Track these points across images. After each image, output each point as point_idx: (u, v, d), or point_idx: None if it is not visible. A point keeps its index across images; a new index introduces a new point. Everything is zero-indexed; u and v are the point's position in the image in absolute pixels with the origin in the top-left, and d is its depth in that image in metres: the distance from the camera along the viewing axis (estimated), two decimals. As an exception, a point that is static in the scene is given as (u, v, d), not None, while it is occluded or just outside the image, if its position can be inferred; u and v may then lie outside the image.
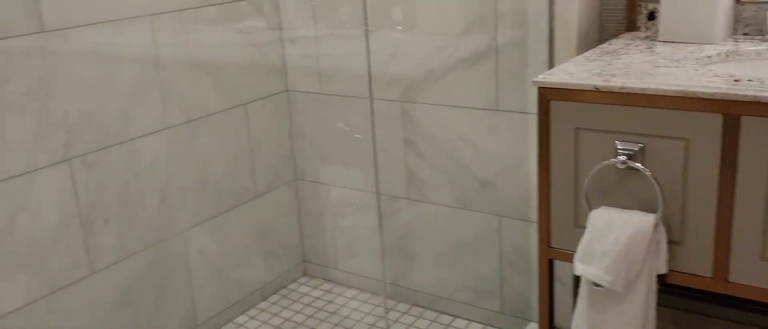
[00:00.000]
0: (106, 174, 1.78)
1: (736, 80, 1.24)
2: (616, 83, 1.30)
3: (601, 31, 1.78)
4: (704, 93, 1.21)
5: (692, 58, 1.43)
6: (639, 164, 1.30)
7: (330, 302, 2.30)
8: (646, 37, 1.65)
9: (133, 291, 1.89)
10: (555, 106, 1.37)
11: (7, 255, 1.59)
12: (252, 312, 2.26)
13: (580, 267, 1.36)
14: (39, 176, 1.64)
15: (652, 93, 1.26)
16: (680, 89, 1.23)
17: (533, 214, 1.90)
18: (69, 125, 1.68)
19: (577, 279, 1.73)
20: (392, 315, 2.19)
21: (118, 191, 1.82)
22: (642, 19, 1.68)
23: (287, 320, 2.21)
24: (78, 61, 1.69)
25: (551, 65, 1.71)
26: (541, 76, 1.39)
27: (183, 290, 2.04)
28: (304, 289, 2.39)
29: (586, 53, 1.55)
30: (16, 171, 1.59)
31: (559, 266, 1.67)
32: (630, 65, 1.40)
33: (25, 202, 1.62)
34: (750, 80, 1.24)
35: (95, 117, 1.74)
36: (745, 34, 1.58)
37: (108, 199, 1.80)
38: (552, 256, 1.48)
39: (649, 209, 1.31)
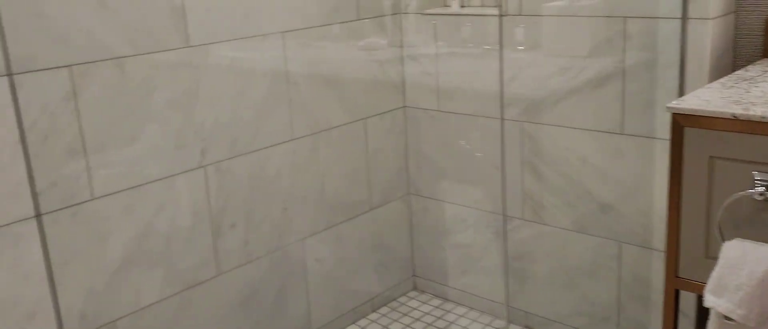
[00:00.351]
0: (236, 181, 1.88)
1: None
2: (757, 111, 1.25)
3: (735, 56, 1.72)
4: None
5: (841, 87, 1.36)
6: (779, 197, 1.25)
7: (439, 318, 2.31)
8: (787, 64, 1.58)
9: (254, 294, 1.98)
10: (689, 133, 1.33)
11: (147, 253, 1.71)
12: (362, 322, 2.31)
13: (710, 300, 1.31)
14: (177, 181, 1.75)
15: (798, 123, 1.21)
16: (829, 119, 1.18)
17: (656, 241, 1.85)
18: (206, 133, 1.79)
19: (700, 311, 1.67)
20: (502, 335, 2.18)
21: (245, 198, 1.92)
22: (782, 44, 1.61)
23: (397, 332, 2.25)
24: (217, 75, 1.80)
25: (682, 90, 1.67)
26: (675, 102, 1.36)
27: (300, 296, 2.12)
28: (413, 303, 2.42)
29: (722, 80, 1.50)
30: (159, 175, 1.70)
31: (683, 297, 1.61)
32: (771, 93, 1.35)
33: (165, 204, 1.73)
34: None
35: (229, 127, 1.84)
36: None
37: (236, 205, 1.89)
38: (679, 286, 1.44)
39: (788, 243, 1.26)
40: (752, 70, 1.56)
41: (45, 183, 1.50)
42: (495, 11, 2.07)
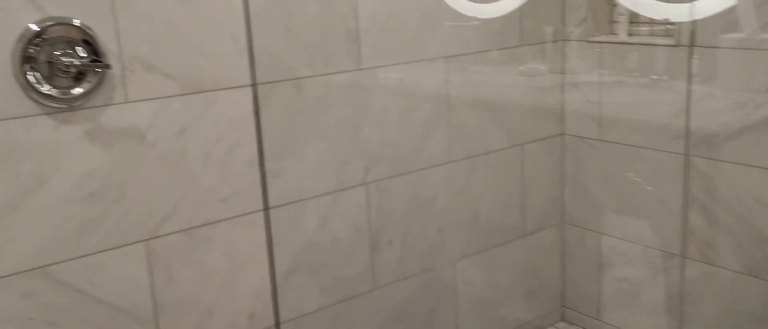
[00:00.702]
0: (395, 200, 1.95)
1: None
2: None
3: None
4: None
5: None
6: None
7: (589, 352, 2.26)
8: None
9: (406, 311, 2.02)
10: None
11: (310, 263, 1.81)
12: (509, 348, 2.29)
13: None
14: (343, 196, 1.83)
15: None
16: None
17: (840, 293, 1.71)
18: (371, 152, 1.87)
19: None
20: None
21: (403, 217, 1.97)
22: None
23: (544, 363, 2.22)
24: (383, 96, 1.87)
25: None
26: None
27: (449, 317, 2.14)
28: (562, 334, 2.37)
29: None
30: (326, 190, 1.80)
31: None
32: None
33: (330, 218, 1.82)
34: None
35: (392, 147, 1.91)
36: None
37: (393, 222, 1.95)
38: None
39: None
40: None
41: (229, 191, 1.63)
42: (666, 41, 2.00)
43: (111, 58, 1.42)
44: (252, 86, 1.61)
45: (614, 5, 2.19)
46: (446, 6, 2.00)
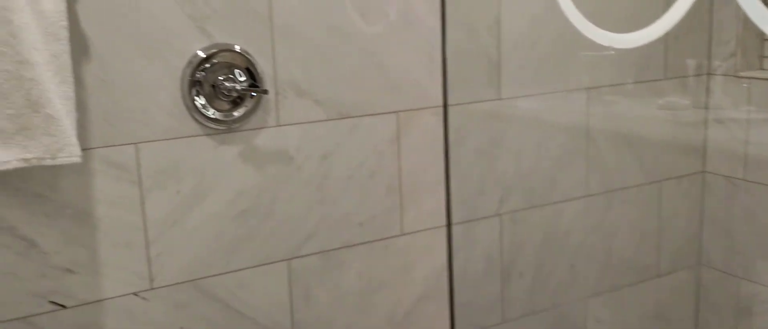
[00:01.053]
0: (527, 233, 1.91)
1: None
2: None
3: None
4: None
5: None
6: None
7: (727, 405, 2.12)
8: None
9: (534, 347, 1.98)
10: None
11: (441, 290, 1.80)
12: (638, 393, 2.19)
13: None
14: (475, 226, 1.82)
15: None
16: None
17: None
18: (506, 183, 1.85)
19: None
20: None
21: (536, 249, 1.94)
22: None
23: None
24: (521, 127, 1.86)
25: None
26: None
27: (577, 355, 2.08)
28: (696, 383, 2.24)
29: None
30: (460, 219, 1.79)
31: None
32: None
33: (462, 247, 1.81)
34: None
35: (527, 178, 1.89)
36: None
37: (525, 255, 1.92)
38: None
39: None
40: None
41: (366, 215, 1.65)
42: (827, 77, 1.88)
43: (267, 82, 1.48)
44: (396, 113, 1.64)
45: (766, 40, 2.08)
46: (581, 35, 1.96)
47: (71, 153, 1.18)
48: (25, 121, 1.14)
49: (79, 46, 1.28)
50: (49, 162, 1.16)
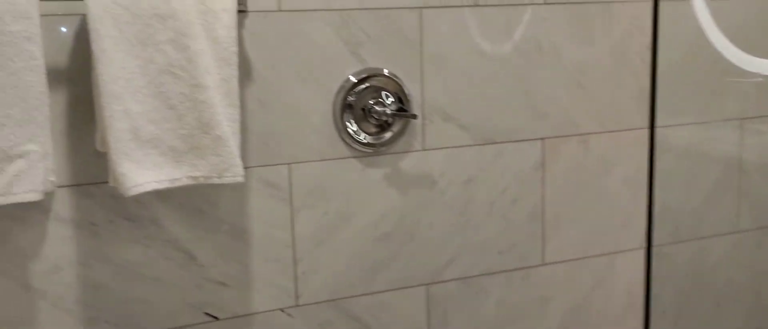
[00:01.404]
0: (673, 267, 1.82)
1: None
2: None
3: None
4: None
5: None
6: None
7: None
8: None
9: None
10: None
11: (580, 325, 1.74)
12: None
13: None
14: (618, 259, 1.75)
15: None
16: None
17: None
18: (652, 215, 1.77)
19: None
20: None
21: (680, 286, 1.84)
22: None
23: None
24: (672, 156, 1.77)
25: None
26: None
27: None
28: None
29: None
30: (602, 251, 1.73)
31: None
32: None
33: (603, 281, 1.75)
34: None
35: (676, 212, 1.80)
36: None
37: (670, 293, 1.83)
38: None
39: None
40: None
41: (507, 243, 1.63)
42: None
43: (414, 107, 1.49)
44: (541, 139, 1.61)
45: None
46: (728, 62, 1.86)
47: (236, 173, 1.22)
48: (196, 141, 1.19)
49: (243, 70, 1.33)
50: (215, 181, 1.21)
